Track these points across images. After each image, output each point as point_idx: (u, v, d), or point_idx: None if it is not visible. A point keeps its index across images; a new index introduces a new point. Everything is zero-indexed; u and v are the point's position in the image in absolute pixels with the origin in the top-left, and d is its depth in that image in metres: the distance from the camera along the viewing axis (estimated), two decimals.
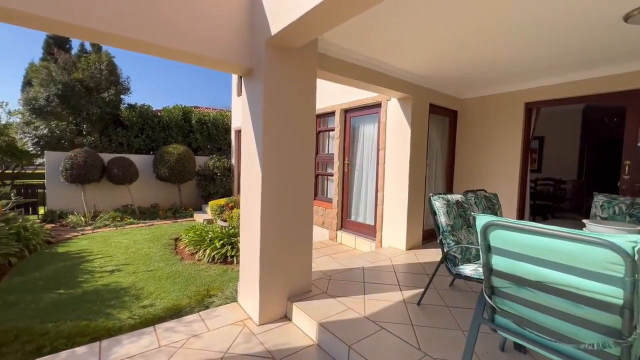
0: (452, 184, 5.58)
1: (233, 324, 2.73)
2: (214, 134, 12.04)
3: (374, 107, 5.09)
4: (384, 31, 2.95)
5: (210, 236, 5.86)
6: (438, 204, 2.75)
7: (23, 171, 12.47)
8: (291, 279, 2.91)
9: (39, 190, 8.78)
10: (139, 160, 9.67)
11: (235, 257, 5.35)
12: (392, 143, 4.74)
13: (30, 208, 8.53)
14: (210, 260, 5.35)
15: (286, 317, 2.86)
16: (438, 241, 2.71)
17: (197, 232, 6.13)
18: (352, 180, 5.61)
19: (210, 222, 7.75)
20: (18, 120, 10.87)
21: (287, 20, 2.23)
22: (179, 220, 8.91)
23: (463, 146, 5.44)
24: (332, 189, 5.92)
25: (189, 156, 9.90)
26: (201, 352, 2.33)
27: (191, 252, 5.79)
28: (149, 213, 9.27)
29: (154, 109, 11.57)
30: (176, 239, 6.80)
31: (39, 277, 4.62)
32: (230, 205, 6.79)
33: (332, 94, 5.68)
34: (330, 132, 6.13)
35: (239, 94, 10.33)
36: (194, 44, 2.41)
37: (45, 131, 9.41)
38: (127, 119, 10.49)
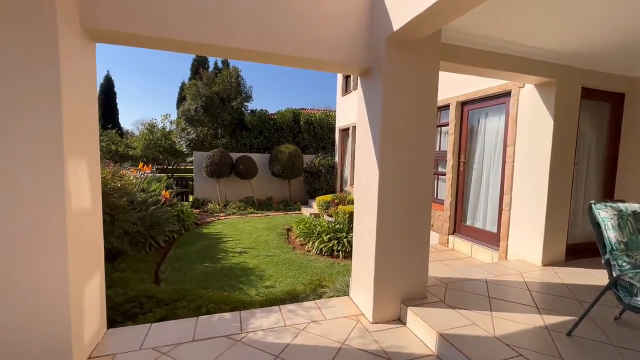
0: (612, 188, 4.36)
1: (347, 317, 2.83)
2: (319, 134, 12.81)
3: (501, 96, 4.41)
4: (520, 5, 2.50)
5: (318, 230, 6.25)
6: (605, 214, 2.17)
7: (179, 167, 16.08)
8: (406, 281, 2.81)
9: (190, 183, 11.15)
10: (258, 158, 11.12)
11: (340, 252, 5.56)
12: (524, 138, 4.02)
13: (183, 196, 10.92)
14: (318, 252, 5.72)
15: (400, 320, 2.78)
16: (603, 261, 2.14)
17: (306, 225, 6.64)
18: (469, 180, 5.04)
19: (316, 216, 8.29)
20: (174, 127, 14.11)
21: (413, 13, 2.13)
22: (289, 213, 9.86)
23: (633, 140, 4.17)
24: (444, 189, 5.45)
25: (297, 155, 10.81)
26: (320, 338, 2.49)
27: (301, 243, 6.31)
28: (265, 205, 10.58)
29: (269, 113, 13.12)
30: (288, 230, 7.53)
31: (192, 251, 5.86)
32: (335, 201, 7.11)
33: (445, 86, 5.21)
34: (443, 128, 5.65)
35: (344, 93, 10.65)
36: (317, 50, 2.58)
37: (193, 135, 11.88)
38: (249, 123, 12.22)
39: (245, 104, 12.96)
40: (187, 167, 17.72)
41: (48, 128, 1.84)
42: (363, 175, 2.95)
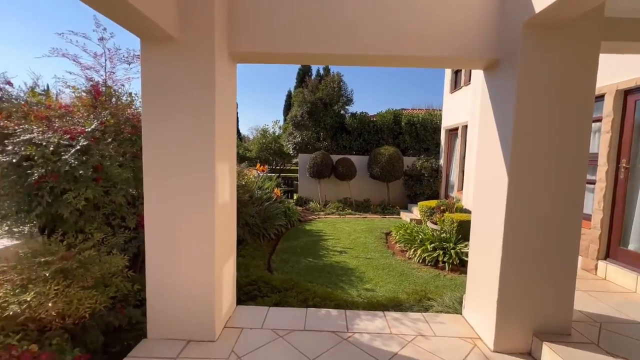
0: None
1: (460, 338, 2.55)
2: (421, 135, 12.09)
3: None
4: None
5: (420, 237, 5.89)
6: None
7: (284, 167, 17.79)
8: (540, 310, 2.35)
9: (295, 182, 12.18)
10: (357, 160, 11.27)
11: (447, 264, 5.09)
12: None
13: (289, 194, 11.99)
14: (420, 260, 5.38)
15: (530, 355, 2.34)
16: None
17: (407, 231, 6.35)
18: (635, 191, 3.86)
19: (418, 222, 7.84)
20: (281, 132, 15.67)
21: None
22: (387, 216, 9.64)
23: None
24: (591, 201, 4.34)
25: (397, 157, 10.47)
26: (430, 355, 2.32)
27: (401, 249, 6.06)
28: (362, 206, 10.63)
29: (369, 115, 13.14)
30: (387, 234, 7.36)
31: (297, 246, 6.37)
32: (441, 208, 6.56)
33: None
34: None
35: (453, 90, 9.75)
36: (439, 47, 2.41)
37: (299, 139, 12.94)
38: (349, 125, 12.52)
39: (346, 107, 13.33)
40: (292, 167, 19.42)
41: (207, 134, 2.29)
42: (485, 182, 2.61)
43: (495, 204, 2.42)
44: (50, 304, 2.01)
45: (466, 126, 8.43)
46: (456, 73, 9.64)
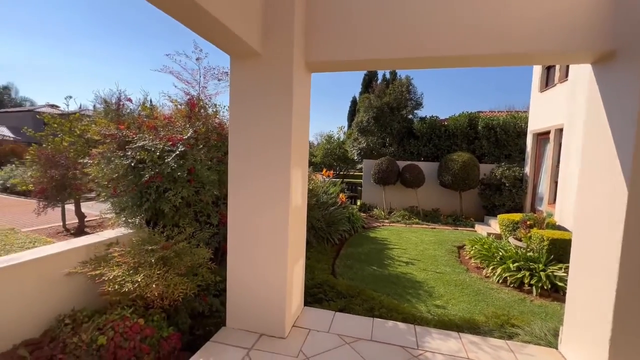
0: None
1: None
2: (502, 140, 10.85)
3: None
4: None
5: (501, 254, 5.26)
6: None
7: (348, 172, 17.85)
8: None
9: (359, 188, 12.12)
10: (426, 167, 10.67)
11: (535, 287, 4.42)
12: None
13: (353, 200, 11.96)
14: (500, 280, 4.79)
15: None
16: None
17: (484, 246, 5.74)
18: None
19: (497, 237, 7.01)
20: (344, 137, 15.75)
21: None
22: (459, 228, 8.87)
23: None
24: None
25: (473, 164, 9.59)
26: None
27: (477, 266, 5.50)
28: (431, 216, 9.99)
29: (440, 119, 12.37)
30: (459, 247, 6.77)
31: (361, 252, 6.29)
32: (527, 222, 5.75)
33: None
34: None
35: (543, 88, 8.55)
36: (535, 41, 2.14)
37: (364, 145, 12.86)
38: (418, 130, 11.96)
39: (415, 111, 12.79)
40: (355, 173, 19.40)
41: (284, 140, 2.43)
42: (593, 194, 2.21)
43: (608, 220, 2.02)
44: (154, 286, 2.35)
45: (561, 129, 7.27)
46: (548, 69, 8.43)
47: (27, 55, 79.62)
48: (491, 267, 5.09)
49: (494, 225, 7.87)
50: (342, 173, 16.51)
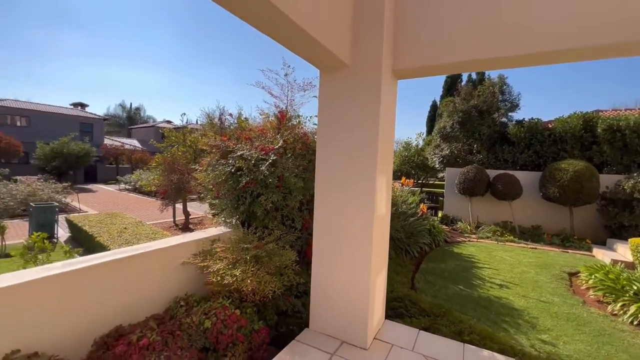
0: None
1: None
2: (632, 144, 8.70)
3: None
4: None
5: (635, 288, 4.18)
6: None
7: (427, 181, 16.81)
8: None
9: (440, 199, 11.27)
10: (524, 177, 9.30)
11: None
12: None
13: (433, 211, 11.18)
14: (636, 322, 3.80)
15: None
16: None
17: (609, 276, 4.66)
18: None
19: (629, 266, 5.61)
20: (422, 144, 14.87)
21: None
22: (569, 251, 7.41)
23: None
24: None
25: (589, 174, 7.94)
26: None
27: (598, 299, 4.49)
28: (530, 234, 8.61)
29: (542, 121, 10.66)
30: (571, 274, 5.65)
31: (444, 269, 5.80)
32: None
33: None
34: None
35: None
36: None
37: (447, 152, 11.94)
38: (513, 135, 10.53)
39: (510, 114, 11.33)
40: (436, 182, 18.14)
41: (371, 148, 2.43)
42: None
43: None
44: (249, 281, 2.61)
45: None
46: None
47: (151, 81, 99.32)
48: (620, 304, 4.09)
49: (622, 251, 6.35)
50: (420, 182, 15.64)
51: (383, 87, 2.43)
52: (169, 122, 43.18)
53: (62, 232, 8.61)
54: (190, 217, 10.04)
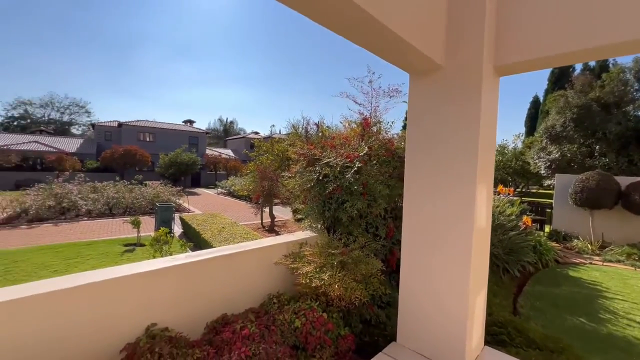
0: None
1: None
2: None
3: None
4: None
5: None
6: None
7: (528, 190, 14.49)
8: None
9: (548, 210, 9.56)
10: None
11: None
12: None
13: (538, 225, 9.54)
14: None
15: None
16: None
17: None
18: None
19: None
20: (521, 146, 12.83)
21: None
22: None
23: None
24: None
25: None
26: None
27: None
28: None
29: None
30: None
31: (558, 295, 4.85)
32: None
33: None
34: None
35: None
36: None
37: (556, 155, 10.09)
38: None
39: None
40: (538, 191, 15.53)
41: (470, 154, 2.22)
42: None
43: None
44: (336, 286, 2.65)
45: None
46: None
47: (244, 97, 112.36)
48: None
49: None
50: (520, 190, 13.60)
51: (484, 86, 2.20)
52: (256, 133, 47.98)
53: (177, 228, 10.31)
54: (275, 219, 10.86)
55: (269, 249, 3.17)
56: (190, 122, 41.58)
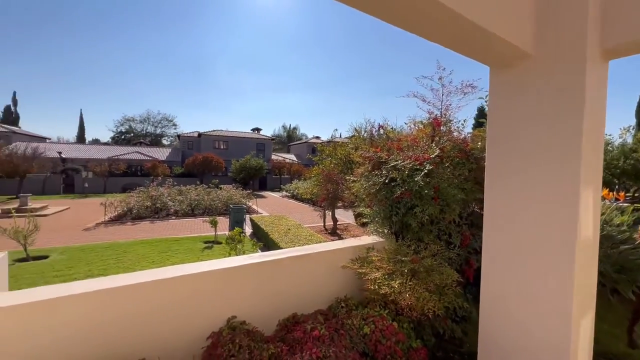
0: None
1: None
2: None
3: None
4: None
5: None
6: None
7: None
8: None
9: None
10: None
11: None
12: None
13: None
14: None
15: None
16: None
17: None
18: None
19: None
20: (631, 141, 10.49)
21: None
22: None
23: None
24: None
25: None
26: None
27: None
28: None
29: None
30: None
31: None
32: None
33: None
34: None
35: None
36: None
37: None
38: None
39: None
40: None
41: (570, 153, 1.91)
42: None
43: None
44: (407, 295, 2.52)
45: None
46: None
47: (306, 102, 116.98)
48: None
49: None
50: (632, 194, 11.27)
51: (588, 72, 1.87)
52: (317, 137, 49.24)
53: (247, 229, 11.13)
54: (337, 222, 10.94)
55: (336, 252, 3.19)
56: (258, 129, 44.76)
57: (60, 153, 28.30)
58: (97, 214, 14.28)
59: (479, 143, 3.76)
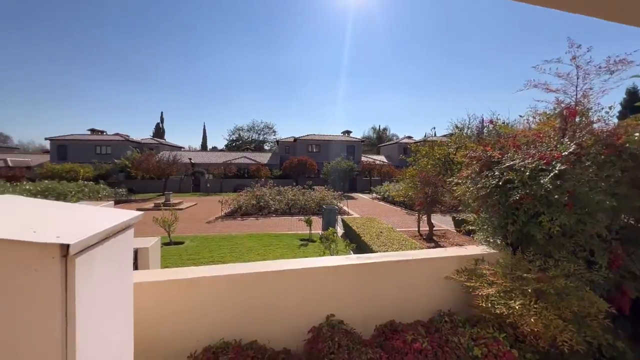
0: None
1: None
2: None
3: None
4: None
5: None
6: None
7: None
8: None
9: None
10: None
11: None
12: None
13: None
14: None
15: None
16: None
17: None
18: None
19: None
20: None
21: None
22: None
23: None
24: None
25: None
26: None
27: None
28: None
29: None
30: None
31: None
32: None
33: None
34: None
35: None
36: None
37: None
38: None
39: None
40: None
41: None
42: None
43: None
44: (532, 320, 2.12)
45: None
46: None
47: (396, 102, 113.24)
48: None
49: None
50: None
51: None
52: (409, 137, 46.96)
53: (338, 229, 11.41)
54: (433, 228, 10.14)
55: (437, 260, 2.94)
56: (348, 132, 45.54)
57: (190, 159, 34.91)
58: (216, 209, 16.99)
59: (637, 134, 2.88)
